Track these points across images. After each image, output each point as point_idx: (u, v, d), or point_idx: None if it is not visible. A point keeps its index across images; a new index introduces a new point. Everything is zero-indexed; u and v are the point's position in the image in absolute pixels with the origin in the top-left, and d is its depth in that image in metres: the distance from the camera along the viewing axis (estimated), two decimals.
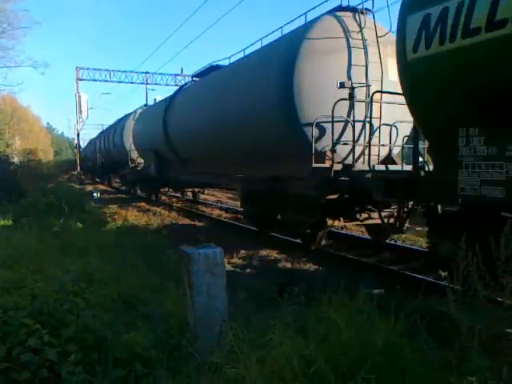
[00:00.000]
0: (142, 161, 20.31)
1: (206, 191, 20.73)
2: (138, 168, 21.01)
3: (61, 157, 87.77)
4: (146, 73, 35.52)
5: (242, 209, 11.86)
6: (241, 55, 10.74)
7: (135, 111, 24.00)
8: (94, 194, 23.09)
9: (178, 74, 34.64)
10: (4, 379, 2.76)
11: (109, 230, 10.28)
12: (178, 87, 18.99)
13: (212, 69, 12.63)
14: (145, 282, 5.28)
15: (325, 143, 7.49)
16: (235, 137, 9.69)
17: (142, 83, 35.81)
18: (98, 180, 39.94)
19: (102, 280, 4.96)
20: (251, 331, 3.32)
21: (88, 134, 79.38)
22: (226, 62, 11.84)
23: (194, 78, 14.51)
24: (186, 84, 14.65)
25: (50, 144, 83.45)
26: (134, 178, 22.25)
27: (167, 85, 34.65)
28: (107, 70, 34.88)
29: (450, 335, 3.11)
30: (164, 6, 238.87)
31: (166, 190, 21.09)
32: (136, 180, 22.12)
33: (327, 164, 7.37)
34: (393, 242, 9.27)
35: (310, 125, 7.24)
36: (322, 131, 7.45)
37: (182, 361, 3.15)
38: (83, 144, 45.36)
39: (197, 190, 19.13)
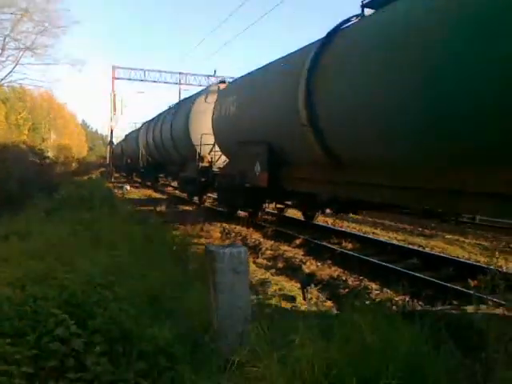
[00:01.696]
0: (217, 159, 15.12)
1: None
2: (214, 169, 14.86)
3: (94, 152, 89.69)
4: (180, 73, 35.97)
5: None
6: None
7: (207, 90, 17.98)
8: (125, 190, 22.97)
9: (211, 75, 34.87)
10: (33, 366, 2.85)
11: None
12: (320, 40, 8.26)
13: None
14: (171, 278, 5.35)
15: None
16: None
17: (176, 83, 36.28)
18: (136, 180, 34.63)
19: (129, 274, 5.05)
20: (274, 331, 3.33)
21: (122, 131, 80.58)
22: None
23: (365, 9, 7.57)
24: (347, 20, 7.85)
25: (85, 140, 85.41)
26: (205, 183, 15.55)
27: (200, 85, 34.87)
28: (142, 70, 35.48)
29: (477, 345, 3.05)
30: (199, 7, 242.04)
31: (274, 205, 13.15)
32: (215, 187, 14.96)
33: None
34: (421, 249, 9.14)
35: None
36: None
37: (205, 357, 3.19)
38: (116, 141, 45.29)
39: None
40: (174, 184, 26.07)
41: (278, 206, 12.85)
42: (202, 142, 15.23)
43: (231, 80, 15.76)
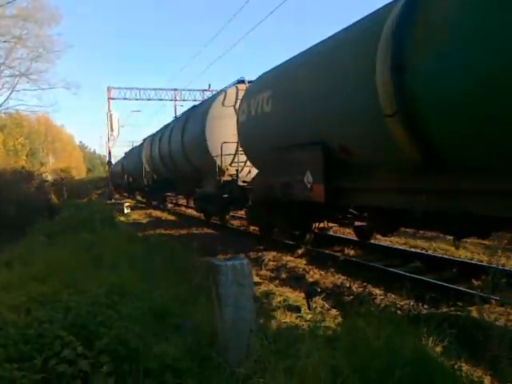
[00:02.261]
0: (240, 170, 13.05)
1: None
2: (239, 182, 12.71)
3: (93, 174, 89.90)
4: (175, 90, 36.19)
5: None
6: None
7: (223, 91, 15.06)
8: (125, 211, 22.85)
9: (205, 90, 34.98)
10: None
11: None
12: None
13: None
14: (174, 294, 5.35)
15: None
16: None
17: (171, 100, 36.50)
18: (140, 199, 33.33)
19: (133, 293, 5.06)
20: (279, 342, 3.34)
21: (119, 151, 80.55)
22: None
23: None
24: None
25: (83, 161, 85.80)
26: (228, 200, 13.64)
27: (195, 100, 34.98)
28: (137, 89, 35.72)
29: (482, 344, 3.06)
30: (191, 21, 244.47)
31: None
32: (239, 204, 13.37)
33: None
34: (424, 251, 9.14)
35: None
36: None
37: (212, 371, 3.19)
38: (114, 161, 45.05)
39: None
40: (184, 202, 24.62)
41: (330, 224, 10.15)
42: (223, 152, 13.34)
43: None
